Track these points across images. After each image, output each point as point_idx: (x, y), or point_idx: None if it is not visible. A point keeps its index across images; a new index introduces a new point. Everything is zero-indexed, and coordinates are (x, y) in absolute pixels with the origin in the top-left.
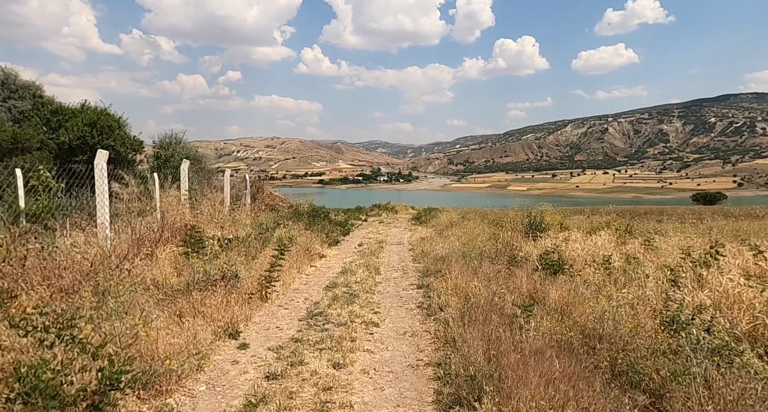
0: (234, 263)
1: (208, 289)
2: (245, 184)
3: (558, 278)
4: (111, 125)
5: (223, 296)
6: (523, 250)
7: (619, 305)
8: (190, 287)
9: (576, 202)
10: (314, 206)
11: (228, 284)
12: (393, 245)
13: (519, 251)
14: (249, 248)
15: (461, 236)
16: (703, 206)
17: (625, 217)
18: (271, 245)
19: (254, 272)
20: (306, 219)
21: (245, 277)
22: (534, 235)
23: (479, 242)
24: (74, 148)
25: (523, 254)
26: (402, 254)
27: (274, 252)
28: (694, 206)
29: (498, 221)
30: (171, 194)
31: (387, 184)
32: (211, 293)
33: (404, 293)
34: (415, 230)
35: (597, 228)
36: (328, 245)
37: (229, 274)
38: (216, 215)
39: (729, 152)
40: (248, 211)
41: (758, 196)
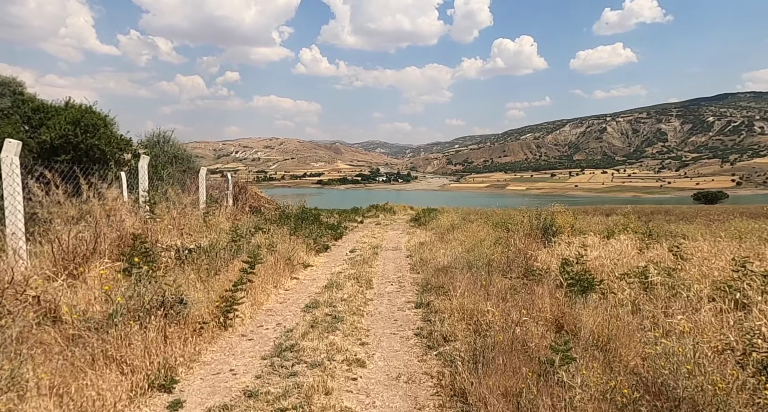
0: (181, 283)
1: (141, 320)
2: (227, 184)
3: (588, 296)
4: (96, 123)
5: (160, 329)
6: (539, 259)
7: (682, 345)
8: (113, 319)
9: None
10: (305, 207)
11: (169, 313)
12: (389, 251)
13: (534, 260)
14: (214, 259)
15: (464, 240)
16: (708, 205)
17: (631, 217)
18: (244, 256)
19: (213, 293)
20: (292, 223)
21: (200, 300)
22: (546, 239)
23: (486, 249)
24: (56, 148)
25: (539, 265)
26: (398, 262)
27: (245, 264)
28: (699, 205)
29: (503, 223)
30: (113, 195)
31: (386, 184)
32: (143, 327)
33: (399, 314)
34: (414, 233)
35: (612, 230)
36: (315, 252)
37: (171, 299)
38: (181, 220)
39: (727, 151)
40: (229, 214)
41: (757, 195)
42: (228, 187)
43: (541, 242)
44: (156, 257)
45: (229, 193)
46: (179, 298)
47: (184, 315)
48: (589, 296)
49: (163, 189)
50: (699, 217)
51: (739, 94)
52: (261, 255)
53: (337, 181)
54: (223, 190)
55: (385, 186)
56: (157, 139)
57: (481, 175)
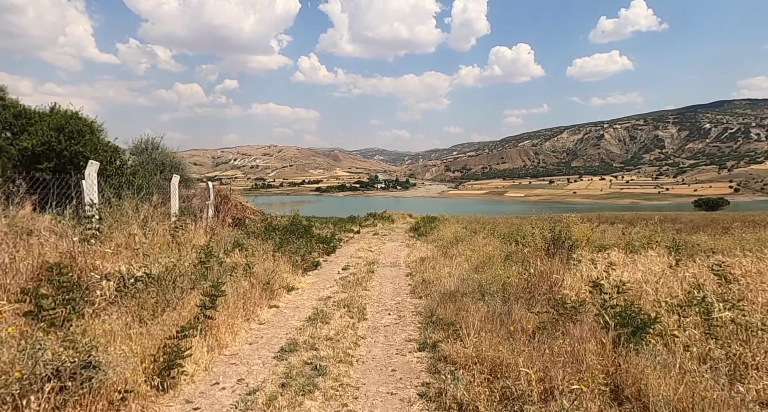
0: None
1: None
2: (208, 193)
3: (644, 341)
4: (81, 130)
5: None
6: (566, 283)
7: None
8: None
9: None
10: (295, 218)
11: (66, 386)
12: (387, 268)
13: (560, 285)
14: (167, 290)
15: (471, 256)
16: (710, 212)
17: (636, 225)
18: (209, 283)
19: (154, 341)
20: (278, 237)
21: (129, 355)
22: (562, 255)
23: (498, 269)
24: (38, 155)
25: (568, 292)
26: (397, 283)
27: (206, 297)
28: (702, 213)
29: (510, 235)
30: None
31: (384, 191)
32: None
33: (398, 360)
34: (414, 246)
35: (634, 244)
36: (302, 271)
37: (71, 364)
38: (137, 239)
39: (724, 158)
40: (207, 227)
41: (755, 201)
42: (208, 196)
43: (557, 258)
44: (85, 291)
45: (210, 204)
46: (86, 361)
47: (94, 384)
48: (645, 340)
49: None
50: (709, 225)
51: (735, 101)
52: (234, 280)
53: (336, 188)
54: (204, 200)
55: (383, 193)
56: (145, 145)
57: (480, 182)
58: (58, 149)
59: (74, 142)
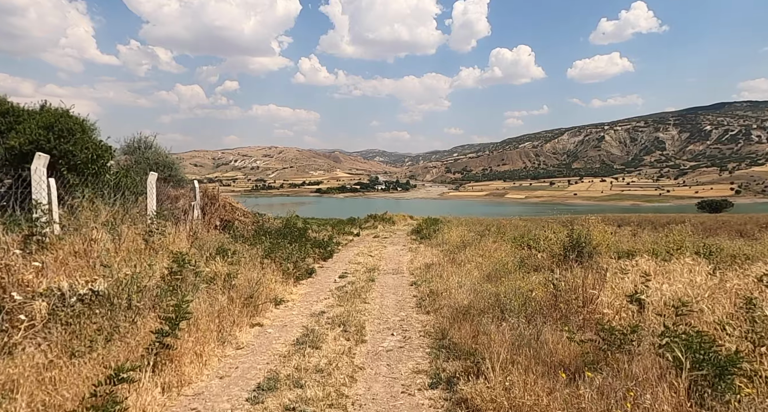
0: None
1: None
2: (193, 193)
3: (729, 384)
4: (71, 128)
5: None
6: (603, 300)
7: None
8: None
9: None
10: (290, 220)
11: None
12: (388, 275)
13: (595, 302)
14: (117, 311)
15: (481, 262)
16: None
17: (644, 227)
18: (176, 300)
19: (80, 385)
20: (267, 241)
21: None
22: (582, 261)
23: (515, 278)
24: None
25: (607, 311)
26: (401, 294)
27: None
28: (714, 215)
29: (520, 238)
30: None
31: (385, 192)
32: None
33: (405, 402)
34: (417, 250)
35: (659, 250)
36: (294, 280)
37: None
38: (94, 246)
39: (725, 160)
40: (191, 230)
41: (756, 203)
42: (194, 197)
43: (587, 268)
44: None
45: (196, 205)
46: None
47: None
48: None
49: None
50: (721, 228)
51: (736, 103)
52: (211, 294)
53: (336, 189)
54: (189, 201)
55: (384, 194)
56: (137, 144)
57: (480, 184)
58: (46, 148)
59: (64, 141)
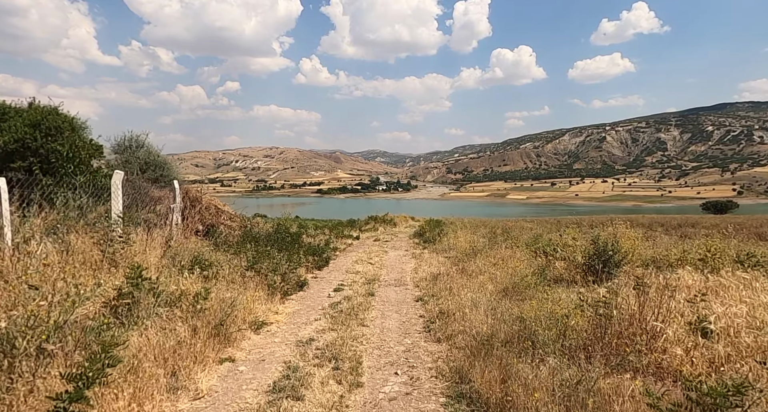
0: None
1: None
2: (173, 194)
3: None
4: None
5: None
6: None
7: None
8: None
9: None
10: (284, 222)
11: None
12: (390, 288)
13: (660, 336)
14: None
15: (496, 273)
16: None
17: (655, 229)
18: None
19: None
20: (251, 250)
21: None
22: (609, 271)
23: (539, 295)
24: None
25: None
26: (405, 313)
27: (72, 380)
28: (726, 216)
29: (536, 245)
30: None
31: (386, 193)
32: None
33: None
34: (422, 257)
35: (696, 258)
36: (281, 296)
37: None
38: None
39: (727, 160)
40: (168, 236)
41: (759, 204)
42: (174, 198)
43: (593, 274)
44: None
45: (176, 208)
46: None
47: None
48: None
49: None
50: (738, 231)
51: (738, 103)
52: (169, 321)
53: (337, 190)
54: (169, 203)
55: (385, 195)
56: (128, 143)
57: (481, 184)
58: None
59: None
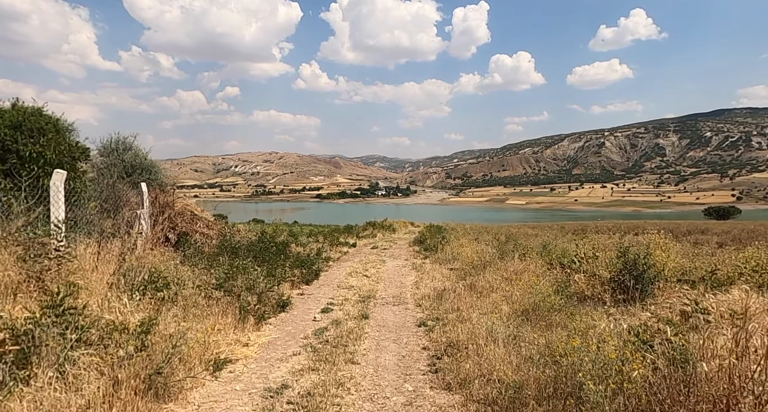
0: None
1: None
2: (141, 198)
3: None
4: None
5: None
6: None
7: None
8: None
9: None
10: (271, 229)
11: None
12: (387, 307)
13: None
14: None
15: (510, 290)
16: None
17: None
18: None
19: None
20: (227, 263)
21: None
22: (643, 289)
23: (569, 320)
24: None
25: None
26: (405, 343)
27: None
28: (734, 223)
29: (550, 255)
30: None
31: (385, 198)
32: None
33: None
34: (423, 268)
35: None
36: (256, 321)
37: None
38: None
39: (726, 166)
40: (130, 247)
41: (758, 209)
42: (142, 203)
43: (620, 292)
44: None
45: (143, 214)
46: None
47: None
48: None
49: None
50: (756, 238)
51: (736, 109)
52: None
53: (336, 195)
54: (137, 208)
55: (384, 200)
56: (114, 145)
57: (481, 190)
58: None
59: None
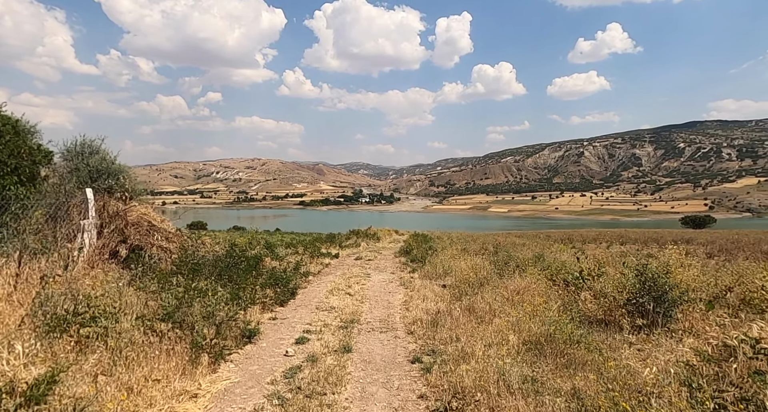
0: None
1: None
2: (85, 206)
3: None
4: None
5: None
6: None
7: None
8: None
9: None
10: (249, 238)
11: None
12: (374, 335)
13: None
14: None
15: (516, 316)
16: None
17: (650, 245)
18: None
19: None
20: (182, 285)
21: None
22: (665, 312)
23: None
24: None
25: None
26: (397, 388)
27: None
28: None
29: (549, 270)
30: None
31: (369, 205)
32: None
33: None
34: (412, 283)
35: None
36: (212, 360)
37: None
38: None
39: (698, 176)
40: (67, 266)
41: (729, 218)
42: (87, 212)
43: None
44: None
45: (87, 225)
46: None
47: None
48: None
49: None
50: (740, 248)
51: (707, 122)
52: None
53: (320, 202)
54: (82, 218)
55: (368, 207)
56: (80, 148)
57: (464, 197)
58: None
59: None
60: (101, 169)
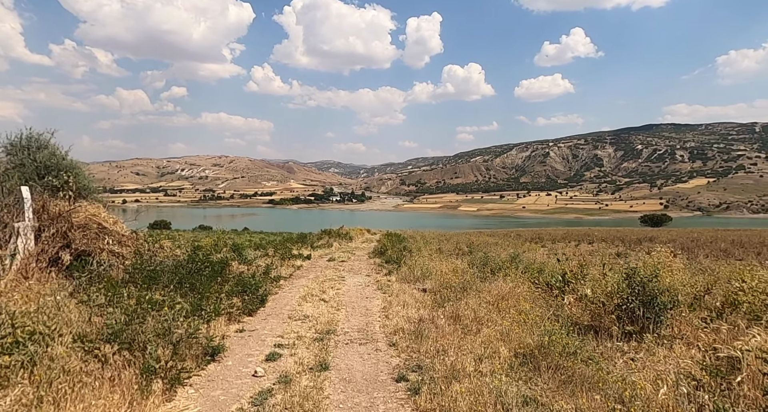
0: None
1: None
2: (21, 207)
3: None
4: None
5: None
6: None
7: None
8: None
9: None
10: (215, 240)
11: None
12: (353, 347)
13: None
14: None
15: (506, 326)
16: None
17: (617, 244)
18: None
19: None
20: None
21: None
22: (656, 319)
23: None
24: None
25: None
26: None
27: None
28: (671, 229)
29: (532, 273)
30: None
31: (340, 204)
32: None
33: None
34: (389, 287)
35: None
36: (166, 386)
37: None
38: None
39: (654, 177)
40: None
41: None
42: (23, 215)
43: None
44: None
45: (24, 228)
46: None
47: None
48: None
49: None
50: (702, 246)
51: (662, 125)
52: None
53: (290, 200)
54: (15, 220)
55: (339, 206)
56: (25, 142)
57: (434, 196)
58: None
59: None
60: (50, 166)
